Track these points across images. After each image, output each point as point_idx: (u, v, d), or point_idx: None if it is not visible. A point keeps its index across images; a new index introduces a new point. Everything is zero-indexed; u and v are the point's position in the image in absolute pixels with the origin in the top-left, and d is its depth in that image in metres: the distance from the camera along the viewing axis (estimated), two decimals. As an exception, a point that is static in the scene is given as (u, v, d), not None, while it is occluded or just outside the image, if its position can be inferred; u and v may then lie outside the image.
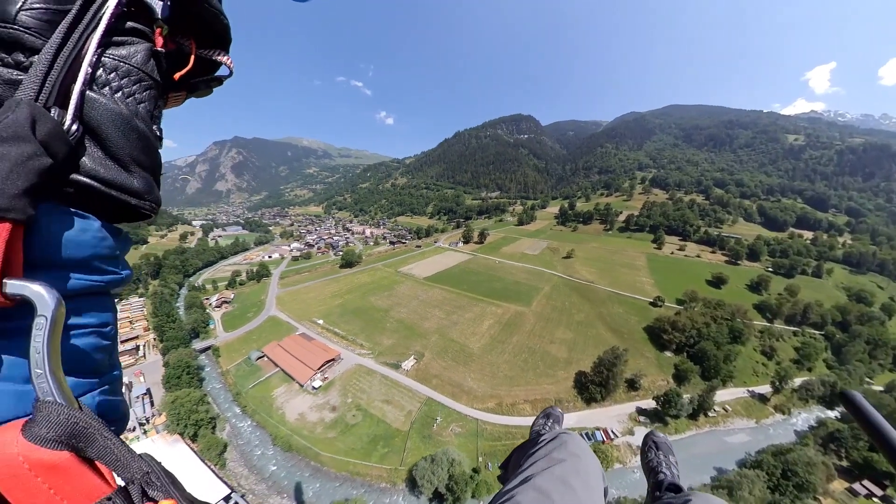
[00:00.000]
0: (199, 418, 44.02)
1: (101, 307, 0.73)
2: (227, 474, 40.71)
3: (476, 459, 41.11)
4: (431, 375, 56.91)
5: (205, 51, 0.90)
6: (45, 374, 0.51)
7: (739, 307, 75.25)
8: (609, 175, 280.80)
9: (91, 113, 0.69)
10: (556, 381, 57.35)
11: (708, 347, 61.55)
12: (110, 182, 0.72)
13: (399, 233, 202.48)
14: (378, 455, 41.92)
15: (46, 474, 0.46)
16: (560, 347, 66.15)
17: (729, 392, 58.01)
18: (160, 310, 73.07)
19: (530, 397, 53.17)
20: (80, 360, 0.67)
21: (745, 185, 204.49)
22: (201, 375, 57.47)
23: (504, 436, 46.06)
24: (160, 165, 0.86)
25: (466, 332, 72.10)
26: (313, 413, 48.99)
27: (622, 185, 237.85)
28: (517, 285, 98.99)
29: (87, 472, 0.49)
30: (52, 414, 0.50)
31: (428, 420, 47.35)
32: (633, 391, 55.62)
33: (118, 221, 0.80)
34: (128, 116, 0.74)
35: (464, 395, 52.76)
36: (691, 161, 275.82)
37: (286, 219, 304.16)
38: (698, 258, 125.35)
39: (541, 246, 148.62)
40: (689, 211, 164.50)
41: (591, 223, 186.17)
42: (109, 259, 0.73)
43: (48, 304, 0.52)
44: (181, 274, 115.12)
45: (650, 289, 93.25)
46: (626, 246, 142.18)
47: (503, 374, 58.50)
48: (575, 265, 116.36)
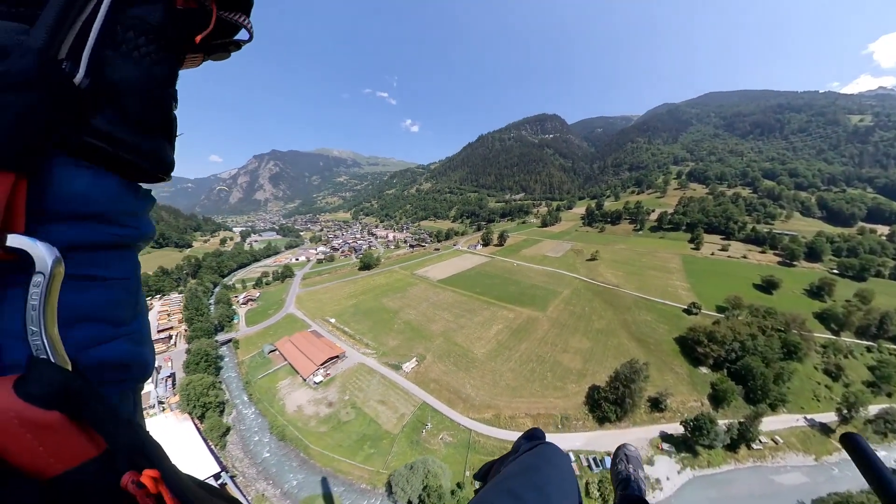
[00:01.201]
0: (207, 401, 47.09)
1: (122, 260, 0.73)
2: (225, 455, 42.90)
3: (463, 474, 37.83)
4: (430, 379, 54.37)
5: (226, 12, 0.84)
6: (40, 331, 0.51)
7: (796, 316, 63.61)
8: (640, 171, 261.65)
9: (106, 72, 0.67)
10: (566, 394, 50.91)
11: (754, 364, 51.84)
12: (123, 144, 0.71)
13: (420, 236, 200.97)
14: (363, 455, 41.20)
15: (36, 431, 0.46)
16: (574, 357, 59.27)
17: (781, 419, 48.07)
18: (191, 304, 78.58)
19: (533, 411, 47.79)
20: (103, 310, 0.67)
21: (800, 174, 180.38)
22: (220, 364, 60.80)
23: (498, 451, 40.82)
24: (175, 127, 0.84)
25: (472, 336, 68.09)
26: (311, 407, 49.67)
27: (655, 182, 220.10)
28: (534, 289, 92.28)
29: (75, 432, 0.49)
30: (44, 373, 0.50)
31: (419, 425, 45.23)
32: (658, 412, 47.69)
33: (134, 180, 0.78)
34: (143, 78, 0.72)
35: (460, 403, 49.23)
36: (735, 151, 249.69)
37: (316, 224, 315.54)
38: (744, 259, 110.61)
39: (564, 248, 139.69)
40: (733, 206, 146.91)
41: (620, 223, 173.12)
42: (128, 214, 0.73)
43: (46, 261, 0.51)
44: (217, 274, 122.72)
45: (685, 294, 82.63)
46: (659, 247, 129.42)
47: (505, 383, 53.54)
48: (599, 268, 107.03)
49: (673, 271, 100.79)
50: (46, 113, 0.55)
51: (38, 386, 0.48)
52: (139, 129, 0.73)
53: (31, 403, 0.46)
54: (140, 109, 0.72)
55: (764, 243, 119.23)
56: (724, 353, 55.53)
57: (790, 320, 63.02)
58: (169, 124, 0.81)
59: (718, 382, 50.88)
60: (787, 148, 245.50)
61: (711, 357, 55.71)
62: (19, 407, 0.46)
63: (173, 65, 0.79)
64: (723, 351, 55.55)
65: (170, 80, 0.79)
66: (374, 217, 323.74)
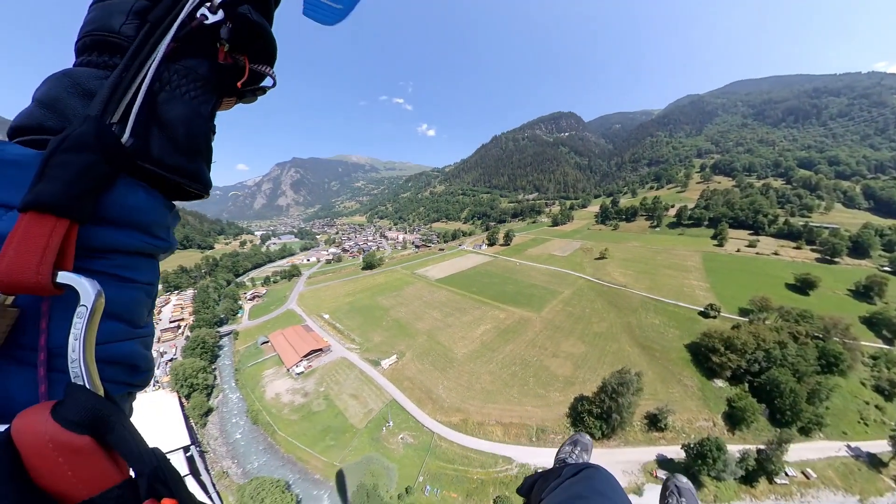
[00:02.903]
0: (195, 382, 49.72)
1: (150, 267, 0.82)
2: (203, 433, 45.05)
3: (416, 478, 35.71)
4: (405, 377, 52.12)
5: (256, 65, 1.01)
6: (80, 360, 0.54)
7: (837, 320, 53.13)
8: (660, 166, 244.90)
9: (164, 110, 0.81)
10: (546, 403, 44.62)
11: (782, 378, 42.74)
12: (173, 168, 0.84)
13: (428, 237, 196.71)
14: (323, 446, 40.97)
15: (67, 455, 0.47)
16: (563, 363, 52.35)
17: (815, 447, 38.79)
18: (198, 298, 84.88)
19: (505, 419, 42.36)
20: (128, 310, 0.75)
21: (841, 162, 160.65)
22: (217, 353, 64.03)
23: (458, 460, 37.95)
24: (211, 155, 0.99)
25: (456, 335, 63.80)
26: (287, 395, 50.44)
27: (675, 176, 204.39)
28: (532, 289, 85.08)
29: (103, 458, 0.50)
30: (80, 399, 0.51)
31: (383, 422, 43.94)
32: (657, 431, 39.83)
33: (175, 199, 0.93)
34: (192, 114, 0.86)
35: (429, 404, 46.26)
36: (765, 141, 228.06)
37: (333, 228, 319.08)
38: (775, 256, 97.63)
39: (573, 247, 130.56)
40: (763, 197, 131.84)
41: (636, 220, 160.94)
42: (164, 228, 0.84)
43: (90, 295, 0.56)
44: (231, 273, 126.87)
45: (702, 295, 72.66)
46: (677, 244, 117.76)
47: (481, 386, 48.67)
48: (607, 267, 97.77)
49: (691, 270, 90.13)
50: (99, 169, 0.66)
51: (74, 411, 0.50)
52: (185, 155, 0.86)
53: (65, 428, 0.48)
54: (186, 140, 0.85)
55: (799, 238, 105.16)
56: (744, 363, 46.56)
57: (830, 325, 52.70)
58: (208, 152, 0.97)
59: (736, 399, 42.24)
60: (825, 135, 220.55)
61: (729, 368, 46.83)
62: (54, 430, 0.47)
63: (214, 105, 0.95)
64: (743, 361, 46.58)
65: (211, 117, 0.95)
66: (389, 220, 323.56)
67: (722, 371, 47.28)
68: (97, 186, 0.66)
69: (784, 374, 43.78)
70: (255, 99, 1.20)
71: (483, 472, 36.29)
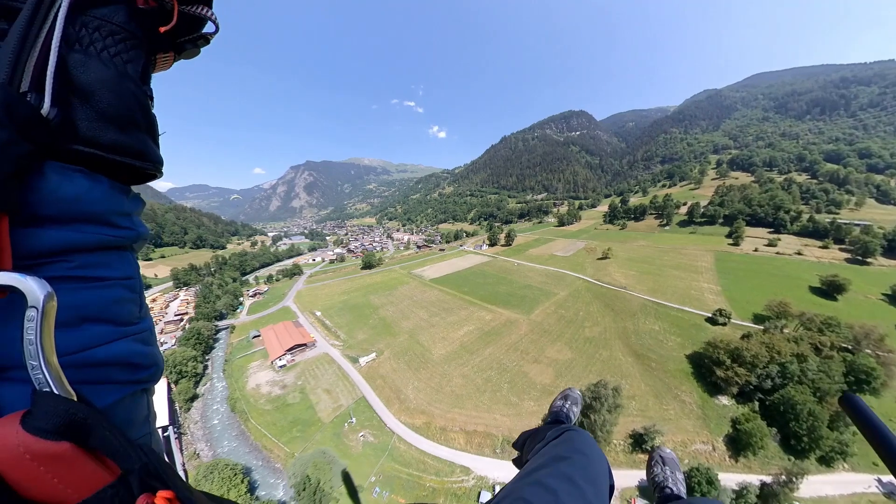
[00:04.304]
0: (184, 370, 51.32)
1: (122, 261, 0.71)
2: (186, 416, 46.74)
3: (368, 478, 34.22)
4: (378, 375, 50.61)
5: (187, 6, 0.78)
6: (40, 365, 0.48)
7: (869, 330, 45.19)
8: (674, 164, 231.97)
9: (79, 75, 0.64)
10: (517, 413, 39.89)
11: (800, 397, 35.94)
12: (109, 146, 0.68)
13: (431, 238, 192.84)
14: (289, 437, 41.03)
15: (49, 464, 0.44)
16: (545, 370, 47.08)
17: (837, 479, 31.86)
18: (201, 293, 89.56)
19: (470, 426, 38.55)
20: (107, 310, 0.65)
21: (873, 154, 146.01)
22: (213, 345, 66.35)
23: (414, 464, 35.18)
24: (156, 125, 0.81)
25: (437, 335, 60.16)
26: (267, 387, 50.83)
27: (689, 173, 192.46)
28: (526, 290, 79.39)
29: (88, 460, 0.47)
30: (49, 405, 0.47)
31: (349, 418, 43.14)
32: (642, 453, 33.83)
33: (126, 182, 0.76)
34: (117, 76, 0.68)
35: (396, 403, 44.12)
36: (788, 134, 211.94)
37: (343, 229, 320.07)
38: (798, 256, 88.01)
39: (576, 247, 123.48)
40: (784, 193, 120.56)
41: (645, 219, 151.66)
42: (122, 215, 0.71)
43: (38, 296, 0.47)
44: (238, 271, 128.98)
45: (712, 298, 65.11)
46: (687, 243, 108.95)
47: (451, 389, 45.11)
48: (609, 267, 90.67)
49: (701, 271, 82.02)
50: (16, 149, 0.52)
51: (45, 419, 0.45)
52: (119, 127, 0.69)
53: (40, 437, 0.44)
54: (117, 107, 0.68)
55: (825, 236, 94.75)
56: (754, 378, 39.75)
57: (861, 335, 44.92)
58: (148, 120, 0.78)
59: (743, 420, 35.63)
60: (854, 126, 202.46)
61: (735, 383, 40.10)
62: (29, 441, 0.43)
63: (145, 64, 0.77)
64: (753, 376, 39.78)
65: (143, 78, 0.77)
66: (397, 221, 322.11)
67: (727, 387, 40.56)
68: (18, 170, 0.52)
69: (802, 392, 36.84)
70: (197, 52, 0.94)
71: (437, 481, 33.23)
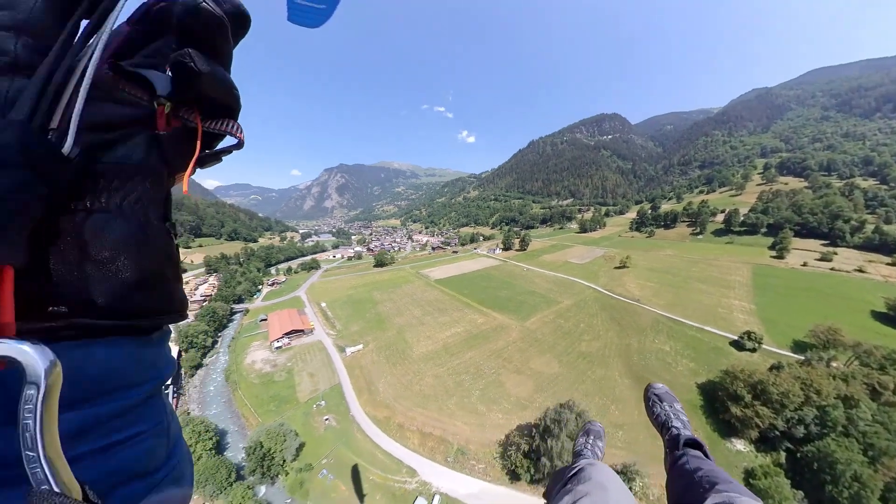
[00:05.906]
0: (195, 341, 57.58)
1: (153, 410, 0.61)
2: (188, 381, 51.68)
3: (320, 458, 35.08)
4: (358, 365, 51.03)
5: (211, 122, 0.68)
6: (39, 457, 0.36)
7: (947, 368, 34.81)
8: (714, 168, 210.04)
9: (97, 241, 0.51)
10: (481, 423, 36.26)
11: (841, 454, 27.46)
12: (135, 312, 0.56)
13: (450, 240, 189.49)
14: (265, 410, 42.90)
15: None
16: (524, 382, 42.55)
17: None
18: (223, 278, 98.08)
19: (427, 429, 36.65)
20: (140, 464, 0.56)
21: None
22: (227, 324, 72.24)
23: (366, 456, 34.74)
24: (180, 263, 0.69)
25: (423, 334, 58.39)
26: (261, 364, 53.50)
27: (730, 178, 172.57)
28: (528, 296, 73.27)
29: None
30: None
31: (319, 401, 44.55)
32: None
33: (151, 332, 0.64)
34: (140, 232, 0.56)
35: (366, 394, 44.34)
36: (851, 135, 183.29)
37: (368, 230, 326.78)
38: (859, 273, 73.36)
39: (594, 254, 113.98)
40: (843, 199, 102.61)
41: (675, 226, 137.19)
42: (148, 368, 0.61)
43: (38, 369, 0.36)
44: (263, 262, 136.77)
45: (742, 319, 55.09)
46: (721, 254, 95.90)
47: (419, 388, 43.54)
48: (624, 277, 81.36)
49: (733, 286, 70.78)
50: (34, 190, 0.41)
51: None
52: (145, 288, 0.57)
53: None
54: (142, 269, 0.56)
55: (895, 251, 78.34)
56: (782, 422, 31.48)
57: (937, 376, 34.49)
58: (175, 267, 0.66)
59: (760, 474, 27.84)
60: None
61: (755, 426, 31.96)
62: None
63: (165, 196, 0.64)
64: (781, 419, 31.52)
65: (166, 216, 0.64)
66: (421, 223, 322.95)
67: (744, 429, 32.43)
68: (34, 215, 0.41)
69: (847, 448, 28.18)
70: (219, 160, 0.82)
71: (380, 476, 32.32)
